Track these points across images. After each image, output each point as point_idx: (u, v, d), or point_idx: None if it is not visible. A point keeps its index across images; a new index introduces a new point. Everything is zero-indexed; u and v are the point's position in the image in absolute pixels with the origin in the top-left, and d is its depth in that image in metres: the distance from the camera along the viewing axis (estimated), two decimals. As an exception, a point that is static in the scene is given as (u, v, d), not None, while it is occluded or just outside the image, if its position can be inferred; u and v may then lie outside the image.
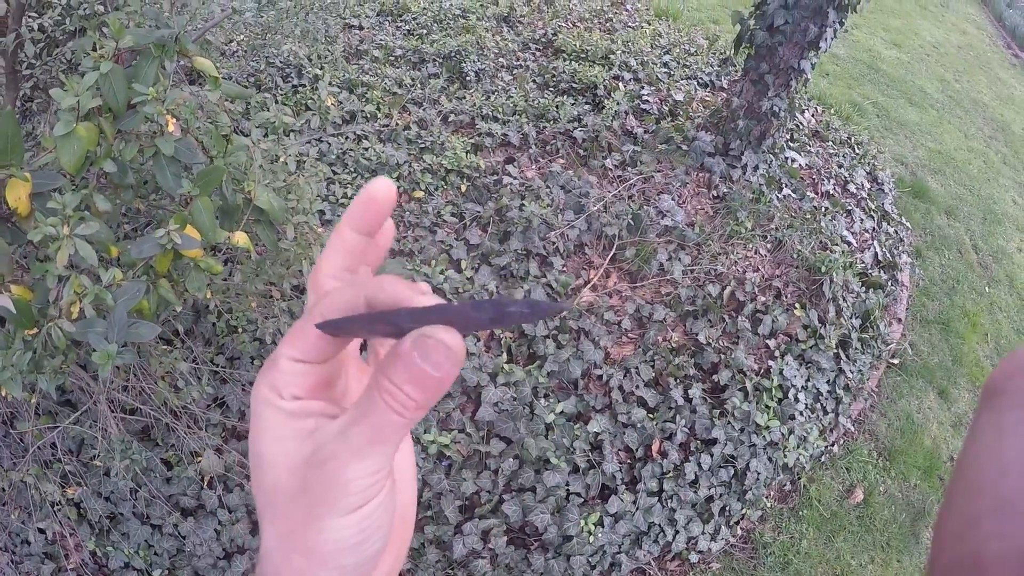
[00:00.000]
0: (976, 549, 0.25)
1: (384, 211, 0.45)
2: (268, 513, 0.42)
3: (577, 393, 3.56)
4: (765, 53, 4.45)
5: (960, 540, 0.26)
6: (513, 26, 6.02)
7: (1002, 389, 0.29)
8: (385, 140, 4.46)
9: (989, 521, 0.25)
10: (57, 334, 1.48)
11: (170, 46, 1.67)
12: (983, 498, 0.26)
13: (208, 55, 1.90)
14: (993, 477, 0.26)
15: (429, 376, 0.37)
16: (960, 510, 0.26)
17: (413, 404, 0.37)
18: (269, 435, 0.42)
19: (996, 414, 0.28)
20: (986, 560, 0.24)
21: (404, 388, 0.37)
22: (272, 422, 0.42)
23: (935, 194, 6.03)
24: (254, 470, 0.43)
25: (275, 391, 0.42)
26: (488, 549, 3.13)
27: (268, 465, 0.42)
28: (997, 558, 0.24)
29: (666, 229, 4.29)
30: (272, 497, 0.41)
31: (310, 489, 0.40)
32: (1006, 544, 0.24)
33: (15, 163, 1.46)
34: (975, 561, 0.25)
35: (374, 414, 0.38)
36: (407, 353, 0.37)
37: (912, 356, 4.63)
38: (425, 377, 0.37)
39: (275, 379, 0.43)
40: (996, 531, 0.25)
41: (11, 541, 2.93)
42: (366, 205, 0.45)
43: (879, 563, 3.63)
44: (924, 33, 9.28)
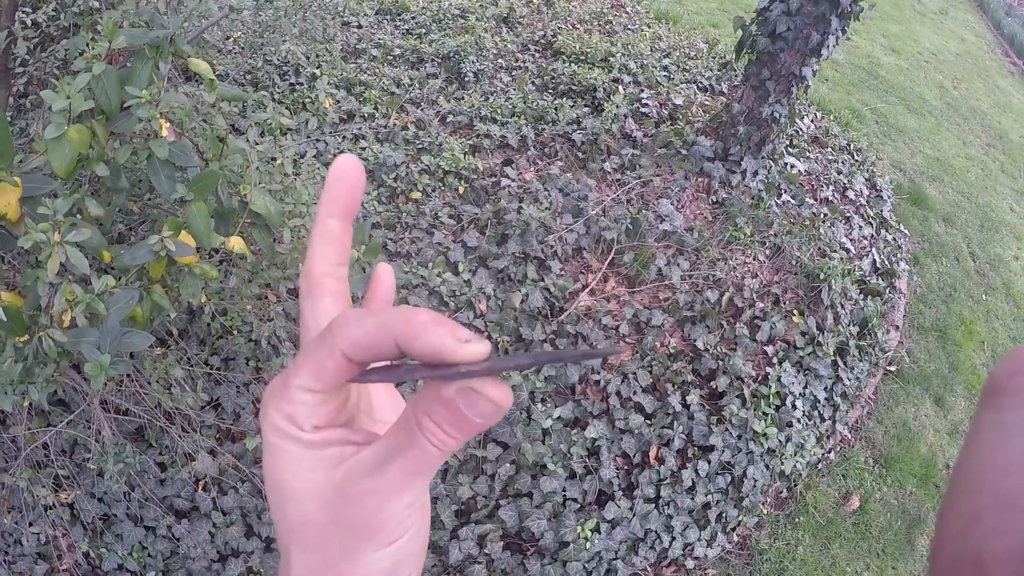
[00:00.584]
0: (977, 547, 0.25)
1: (359, 187, 0.43)
2: (297, 545, 0.40)
3: (574, 398, 3.54)
4: (766, 59, 4.43)
5: (961, 538, 0.26)
6: (512, 27, 5.99)
7: (1003, 388, 0.28)
8: (383, 140, 4.44)
9: (990, 519, 0.25)
10: (48, 344, 1.45)
11: (164, 47, 1.64)
12: (984, 496, 0.26)
13: (205, 53, 1.88)
14: (994, 475, 0.26)
15: (473, 423, 0.35)
16: (961, 508, 0.26)
17: (453, 442, 0.36)
18: (291, 468, 0.40)
19: (997, 413, 0.28)
20: (987, 558, 0.24)
21: (446, 428, 0.36)
22: (293, 455, 0.40)
23: (933, 201, 6.03)
24: (275, 501, 0.41)
25: (292, 422, 0.40)
26: (484, 554, 3.11)
27: (293, 498, 0.40)
28: (998, 556, 0.24)
29: (665, 234, 4.27)
30: (301, 529, 0.40)
31: (345, 523, 0.39)
32: (1007, 542, 0.24)
33: (4, 167, 1.43)
34: (976, 559, 0.25)
35: (414, 448, 0.36)
36: (451, 401, 0.35)
37: (909, 364, 4.62)
38: (470, 424, 0.36)
39: (291, 411, 0.40)
40: (997, 529, 0.25)
41: (3, 542, 2.90)
42: (341, 186, 0.42)
43: (874, 570, 3.62)
44: (923, 40, 9.28)
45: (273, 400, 0.40)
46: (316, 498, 0.39)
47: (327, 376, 0.39)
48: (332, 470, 0.39)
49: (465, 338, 0.35)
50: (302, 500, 0.40)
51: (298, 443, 0.40)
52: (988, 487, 0.26)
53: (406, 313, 0.36)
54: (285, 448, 0.40)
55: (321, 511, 0.39)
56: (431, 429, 0.36)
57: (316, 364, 0.39)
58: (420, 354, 0.35)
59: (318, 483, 0.39)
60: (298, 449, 0.40)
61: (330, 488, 0.39)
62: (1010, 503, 0.25)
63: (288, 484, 0.40)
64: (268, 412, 0.41)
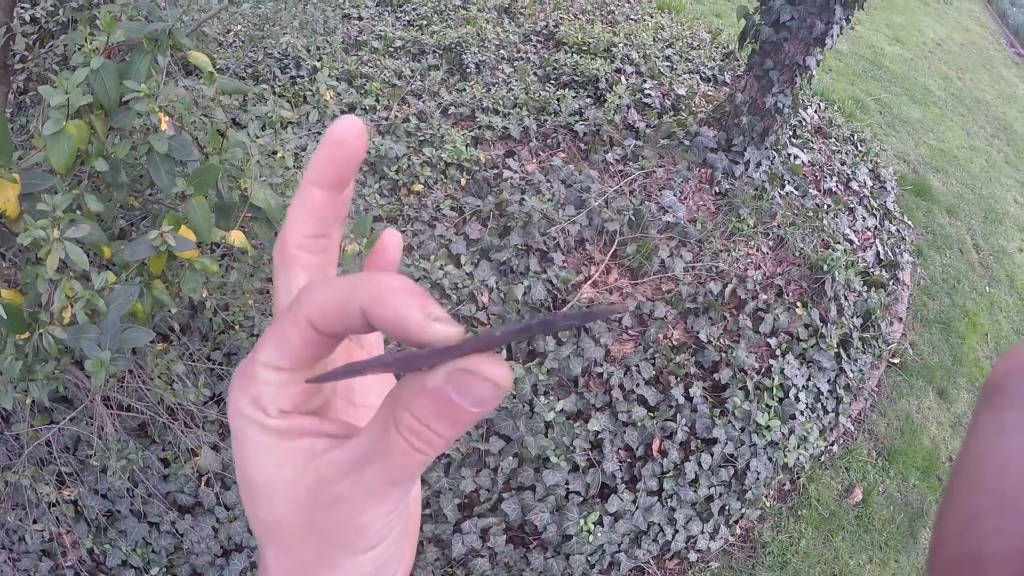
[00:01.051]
0: (976, 547, 0.24)
1: (356, 156, 0.37)
2: (271, 545, 0.37)
3: (577, 391, 3.53)
4: (770, 49, 4.40)
5: (960, 538, 0.25)
6: (514, 17, 5.97)
7: (1002, 386, 0.28)
8: (384, 132, 4.42)
9: (989, 519, 0.25)
10: (49, 340, 1.44)
11: (163, 40, 1.63)
12: (983, 496, 0.25)
13: (204, 46, 1.86)
14: (994, 475, 0.26)
15: (467, 413, 0.30)
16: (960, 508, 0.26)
17: (441, 442, 0.31)
18: (259, 460, 0.36)
19: (996, 411, 0.27)
20: (986, 558, 0.24)
21: (433, 426, 0.31)
22: (260, 445, 0.36)
23: (937, 192, 6.00)
24: (246, 497, 0.37)
25: (257, 406, 0.36)
26: (487, 548, 3.11)
27: (264, 496, 0.36)
28: (997, 556, 0.24)
29: (667, 225, 4.25)
30: (274, 528, 0.36)
31: (319, 530, 0.35)
32: (1007, 542, 0.24)
33: (3, 164, 1.42)
34: (975, 559, 0.24)
35: (393, 453, 0.32)
36: (439, 390, 0.30)
37: (912, 356, 4.61)
38: (462, 414, 0.30)
39: (256, 392, 0.36)
40: (997, 529, 0.24)
41: (8, 539, 2.90)
42: (334, 151, 0.37)
43: (877, 563, 3.61)
44: (927, 30, 9.23)
45: (238, 381, 0.36)
46: (287, 498, 0.35)
47: (292, 350, 0.34)
48: (303, 467, 0.35)
49: (436, 316, 0.30)
50: (273, 499, 0.36)
51: (264, 430, 0.36)
52: (987, 486, 0.25)
53: (379, 277, 0.32)
54: (251, 437, 0.36)
55: (293, 513, 0.35)
56: (414, 428, 0.31)
57: (280, 336, 0.34)
58: (383, 323, 0.31)
59: (288, 481, 0.35)
60: (265, 438, 0.35)
61: (302, 489, 0.35)
62: (1009, 502, 0.24)
63: (257, 479, 0.36)
64: (233, 395, 0.36)
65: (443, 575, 3.10)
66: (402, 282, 0.31)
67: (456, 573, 3.09)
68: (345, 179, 0.38)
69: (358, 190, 3.95)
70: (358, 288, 0.31)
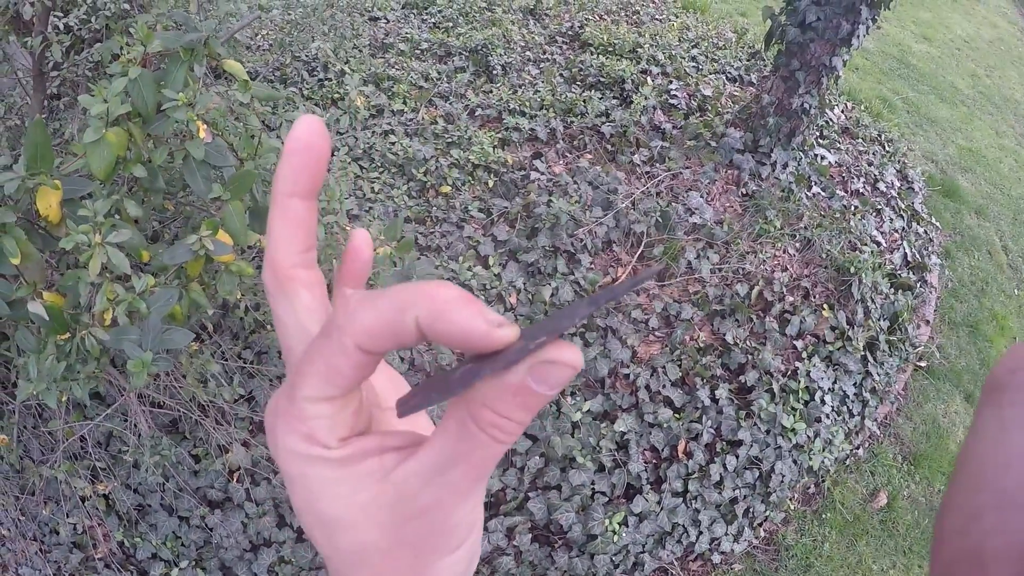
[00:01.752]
0: (978, 544, 0.25)
1: (325, 156, 0.35)
2: (359, 571, 0.36)
3: (604, 392, 3.54)
4: (796, 50, 4.38)
5: (961, 535, 0.26)
6: (539, 19, 5.98)
7: (1005, 384, 0.28)
8: (412, 135, 4.45)
9: (991, 516, 0.25)
10: (91, 342, 1.49)
11: (199, 50, 1.67)
12: (985, 493, 0.26)
13: (235, 52, 1.89)
14: (995, 472, 0.26)
15: (545, 397, 0.31)
16: (962, 505, 0.26)
17: (520, 428, 0.32)
18: (329, 495, 0.35)
19: (998, 409, 0.28)
20: (987, 555, 0.24)
21: (514, 416, 0.31)
22: (327, 480, 0.34)
23: (965, 193, 5.94)
24: (320, 533, 0.36)
25: (314, 442, 0.34)
26: (512, 546, 3.13)
27: (343, 528, 0.35)
28: (998, 553, 0.24)
29: (694, 227, 4.25)
30: (362, 558, 0.35)
31: (411, 543, 0.35)
32: (1008, 539, 0.24)
33: (45, 171, 1.46)
34: (976, 556, 0.25)
35: (477, 450, 0.32)
36: (521, 385, 0.31)
37: (940, 359, 4.57)
38: (540, 400, 0.31)
39: (309, 429, 0.34)
40: (998, 526, 0.25)
41: (40, 531, 2.97)
42: (304, 158, 0.35)
43: (901, 568, 3.59)
44: (955, 27, 9.12)
45: (282, 423, 0.35)
46: (371, 524, 0.34)
47: (342, 378, 0.33)
48: (379, 486, 0.34)
49: (497, 322, 0.30)
50: (356, 528, 0.35)
51: (328, 464, 0.34)
52: (989, 484, 0.26)
53: (429, 290, 0.31)
54: (313, 474, 0.34)
55: (381, 537, 0.35)
56: (496, 423, 0.31)
57: (327, 367, 0.33)
58: (445, 337, 0.31)
59: (367, 507, 0.34)
60: (330, 472, 0.34)
61: (383, 510, 0.34)
62: (1011, 500, 0.25)
63: (331, 514, 0.35)
64: (279, 438, 0.35)
65: (468, 574, 3.13)
66: (455, 292, 0.31)
67: (482, 571, 3.12)
68: (318, 183, 0.36)
69: (387, 192, 3.99)
70: (410, 304, 0.31)
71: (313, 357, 0.33)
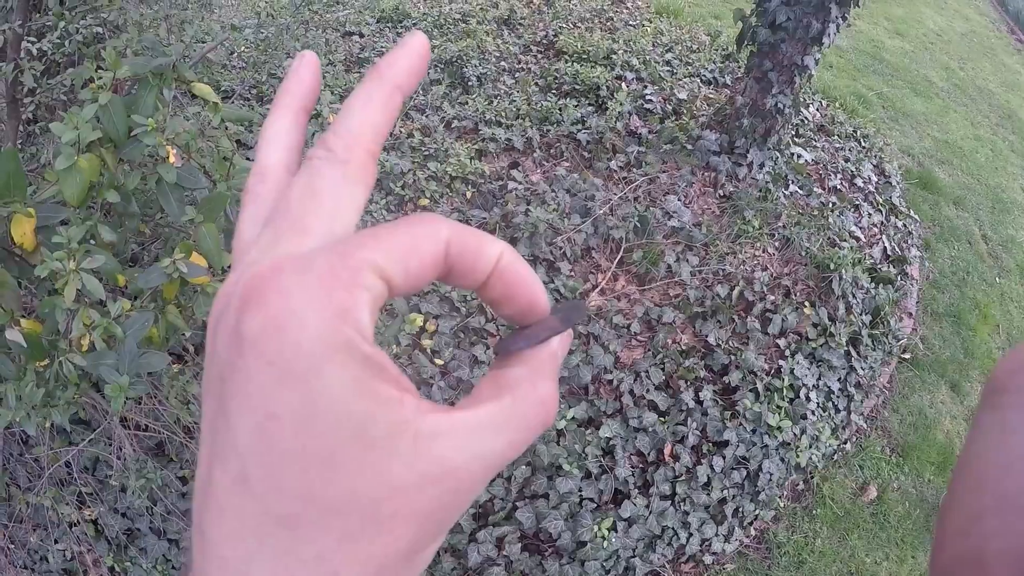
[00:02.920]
0: (978, 546, 0.25)
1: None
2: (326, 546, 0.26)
3: (588, 398, 3.56)
4: (768, 50, 4.43)
5: (962, 537, 0.26)
6: (514, 29, 6.01)
7: (1005, 386, 0.29)
8: (389, 149, 4.47)
9: (992, 518, 0.25)
10: (69, 367, 1.49)
11: (168, 74, 1.68)
12: (986, 495, 0.26)
13: (209, 71, 1.91)
14: (996, 474, 0.26)
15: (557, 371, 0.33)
16: (962, 507, 0.26)
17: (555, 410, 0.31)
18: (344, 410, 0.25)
19: (999, 411, 0.28)
20: (988, 557, 0.24)
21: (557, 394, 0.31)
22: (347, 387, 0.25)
23: (943, 185, 6.00)
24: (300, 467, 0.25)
25: (351, 322, 0.25)
26: (503, 556, 3.14)
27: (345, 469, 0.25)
28: (999, 555, 0.24)
29: (673, 230, 4.28)
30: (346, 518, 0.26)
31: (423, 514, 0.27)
32: (1008, 542, 0.24)
33: (19, 199, 1.47)
34: (977, 558, 0.25)
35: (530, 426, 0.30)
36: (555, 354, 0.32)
37: (924, 350, 4.62)
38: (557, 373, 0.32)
39: (352, 302, 0.25)
40: (999, 528, 0.25)
41: (30, 559, 2.95)
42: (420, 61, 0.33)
43: (894, 560, 3.62)
44: (927, 21, 9.22)
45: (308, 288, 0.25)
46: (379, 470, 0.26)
47: (417, 265, 0.28)
48: (399, 427, 0.26)
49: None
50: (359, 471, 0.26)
51: (355, 362, 0.25)
52: (990, 486, 0.26)
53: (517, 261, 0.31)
54: (332, 375, 0.25)
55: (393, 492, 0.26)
56: (554, 398, 0.31)
57: (409, 246, 0.28)
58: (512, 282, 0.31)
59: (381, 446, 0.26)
60: (353, 377, 0.25)
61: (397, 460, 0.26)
62: (1012, 502, 0.25)
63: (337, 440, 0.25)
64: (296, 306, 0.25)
65: (461, 584, 3.13)
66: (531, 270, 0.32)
67: (473, 582, 3.12)
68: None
69: (366, 207, 4.00)
70: (496, 242, 0.31)
71: (395, 229, 0.28)
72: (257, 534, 0.26)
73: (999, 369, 0.29)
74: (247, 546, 0.26)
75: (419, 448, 0.27)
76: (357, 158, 0.30)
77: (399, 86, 0.32)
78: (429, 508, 0.27)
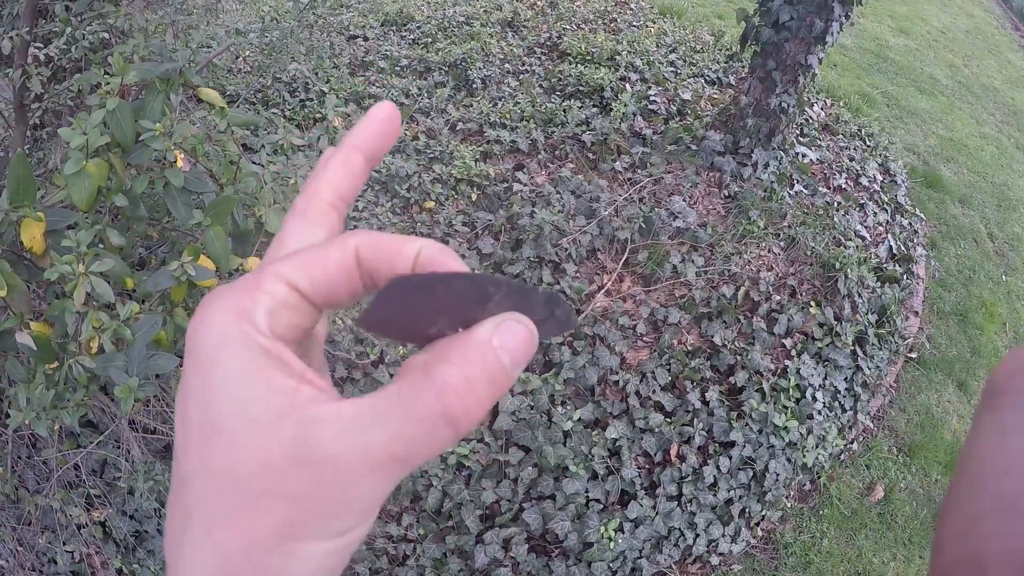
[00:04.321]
0: (978, 548, 0.25)
1: (395, 136, 0.38)
2: (206, 511, 0.29)
3: (594, 400, 3.56)
4: (771, 50, 4.43)
5: (962, 539, 0.26)
6: (518, 31, 6.03)
7: (1003, 389, 0.29)
8: (394, 152, 4.48)
9: (991, 520, 0.25)
10: (78, 370, 1.50)
11: (175, 79, 1.69)
12: (985, 497, 0.26)
13: (214, 76, 1.92)
14: (995, 476, 0.26)
15: (504, 373, 0.30)
16: (962, 509, 0.27)
17: (478, 409, 0.29)
18: (231, 390, 0.29)
19: (998, 413, 0.28)
20: (987, 559, 0.25)
21: (476, 386, 0.29)
22: (236, 370, 0.29)
23: (948, 183, 5.99)
24: (197, 437, 0.30)
25: (247, 319, 0.30)
26: (509, 557, 3.14)
27: (227, 437, 0.29)
28: (998, 557, 0.24)
29: (678, 231, 4.28)
30: (225, 485, 0.29)
31: (290, 498, 0.28)
32: (1007, 544, 0.24)
33: (28, 203, 1.48)
34: (976, 560, 0.25)
35: (419, 417, 0.29)
36: (486, 342, 0.30)
37: (930, 349, 4.61)
38: (501, 374, 0.30)
39: (251, 303, 0.30)
40: (998, 530, 0.25)
41: (38, 561, 2.96)
42: (382, 126, 0.37)
43: (901, 560, 3.61)
44: (931, 18, 9.20)
45: (220, 297, 0.31)
46: (256, 447, 0.29)
47: (323, 272, 0.32)
48: (283, 413, 0.29)
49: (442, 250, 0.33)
50: (235, 443, 0.29)
51: (246, 351, 0.30)
52: (989, 488, 0.26)
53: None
54: (226, 359, 0.30)
55: (261, 470, 0.29)
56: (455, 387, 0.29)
57: (315, 256, 0.32)
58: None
59: (261, 424, 0.29)
60: (244, 364, 0.30)
61: (276, 440, 0.29)
62: (1010, 505, 0.25)
63: (221, 413, 0.29)
64: (208, 313, 0.31)
65: (468, 586, 3.14)
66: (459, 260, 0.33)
67: (481, 583, 3.13)
68: (381, 153, 0.38)
69: (371, 210, 4.01)
70: (418, 241, 0.33)
71: (305, 248, 0.33)
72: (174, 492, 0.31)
73: (998, 371, 0.30)
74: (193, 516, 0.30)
75: (299, 433, 0.29)
76: (314, 208, 0.35)
77: (357, 146, 0.37)
78: (301, 491, 0.29)
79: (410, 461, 0.29)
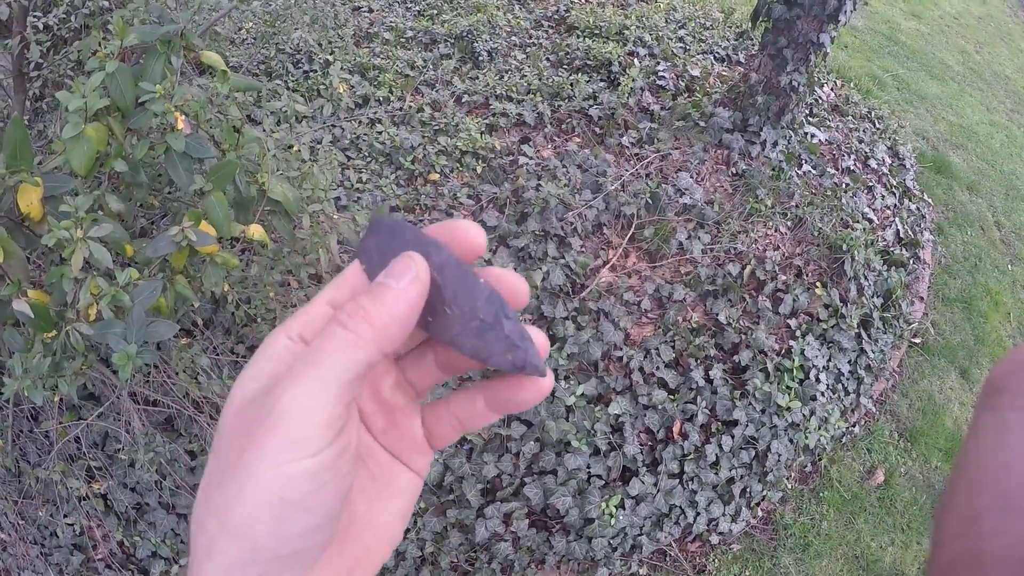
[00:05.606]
0: (977, 546, 0.25)
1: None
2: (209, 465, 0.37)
3: (597, 375, 3.54)
4: (783, 27, 4.36)
5: (961, 537, 0.26)
6: (524, 3, 5.94)
7: (1003, 386, 0.29)
8: (399, 123, 4.44)
9: (990, 518, 0.25)
10: (76, 337, 1.48)
11: (176, 42, 1.65)
12: (984, 495, 0.26)
13: (217, 45, 1.88)
14: (995, 474, 0.26)
15: (390, 291, 0.37)
16: (961, 507, 0.26)
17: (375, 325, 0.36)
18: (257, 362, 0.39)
19: (997, 411, 0.28)
20: (987, 557, 0.24)
21: (367, 306, 0.36)
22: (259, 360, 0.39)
23: (957, 169, 5.93)
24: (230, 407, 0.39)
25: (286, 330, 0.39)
26: (510, 532, 3.14)
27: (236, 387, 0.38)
28: (998, 555, 0.24)
29: (685, 207, 4.24)
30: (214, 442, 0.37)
31: (248, 429, 0.35)
32: (1007, 541, 0.24)
33: (25, 168, 1.45)
34: (976, 558, 0.25)
35: (323, 337, 0.36)
36: (377, 283, 0.38)
37: (934, 335, 4.58)
38: (388, 294, 0.37)
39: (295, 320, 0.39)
40: (997, 528, 0.25)
41: (40, 534, 2.96)
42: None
43: (899, 545, 3.61)
44: (943, 3, 9.08)
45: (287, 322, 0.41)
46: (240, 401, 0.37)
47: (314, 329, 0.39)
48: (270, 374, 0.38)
49: None
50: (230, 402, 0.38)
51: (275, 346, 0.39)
52: (988, 486, 0.26)
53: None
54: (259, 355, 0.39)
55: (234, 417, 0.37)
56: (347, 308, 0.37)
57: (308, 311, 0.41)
58: None
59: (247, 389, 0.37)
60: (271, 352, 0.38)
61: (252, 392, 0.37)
62: (1010, 502, 0.25)
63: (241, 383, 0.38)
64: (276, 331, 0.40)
65: (467, 560, 3.14)
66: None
67: (480, 557, 3.12)
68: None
69: (375, 182, 3.98)
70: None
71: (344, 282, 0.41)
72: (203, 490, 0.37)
73: (997, 369, 0.30)
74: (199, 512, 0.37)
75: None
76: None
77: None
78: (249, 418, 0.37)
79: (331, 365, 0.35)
